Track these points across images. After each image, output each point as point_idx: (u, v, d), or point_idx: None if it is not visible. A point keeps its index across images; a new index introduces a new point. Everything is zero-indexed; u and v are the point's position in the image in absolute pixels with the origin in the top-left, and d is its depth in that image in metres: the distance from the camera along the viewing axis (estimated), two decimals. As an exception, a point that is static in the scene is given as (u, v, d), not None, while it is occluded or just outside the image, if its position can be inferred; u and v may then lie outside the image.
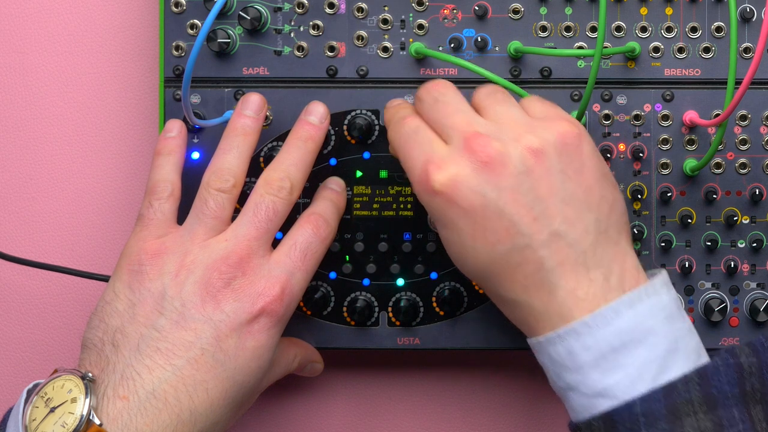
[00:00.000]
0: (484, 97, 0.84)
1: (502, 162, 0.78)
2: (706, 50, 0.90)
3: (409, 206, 0.91)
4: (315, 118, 0.89)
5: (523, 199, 0.78)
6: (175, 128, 0.89)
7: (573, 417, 0.79)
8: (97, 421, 0.77)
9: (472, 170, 0.78)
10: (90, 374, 0.79)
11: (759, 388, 0.77)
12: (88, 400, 0.78)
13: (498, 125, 0.81)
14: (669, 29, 0.91)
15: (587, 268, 0.78)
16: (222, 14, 0.91)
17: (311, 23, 0.91)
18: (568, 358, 0.78)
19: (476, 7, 0.90)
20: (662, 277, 0.79)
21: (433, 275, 0.92)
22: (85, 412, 0.77)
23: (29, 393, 0.81)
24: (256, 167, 0.87)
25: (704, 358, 0.79)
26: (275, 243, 0.85)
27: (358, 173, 0.91)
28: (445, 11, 0.91)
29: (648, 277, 0.80)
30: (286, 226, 0.86)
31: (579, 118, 0.89)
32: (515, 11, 0.91)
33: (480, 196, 0.78)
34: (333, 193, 0.90)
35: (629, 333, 0.77)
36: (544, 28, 0.91)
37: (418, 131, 0.82)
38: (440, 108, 0.83)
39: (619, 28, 0.91)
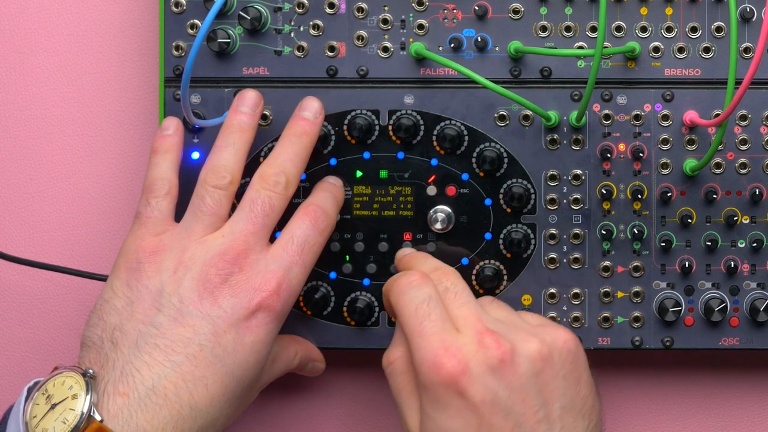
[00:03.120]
0: (485, 302, 0.85)
1: (513, 362, 0.79)
2: (706, 50, 0.91)
3: (409, 206, 0.91)
4: (309, 113, 0.89)
5: (531, 401, 0.79)
6: (172, 126, 0.89)
7: None
8: (98, 418, 0.77)
9: (485, 366, 0.78)
10: (91, 371, 0.79)
11: None
12: (89, 396, 0.78)
13: (505, 325, 0.81)
14: (669, 29, 0.91)
15: None
16: (222, 14, 0.91)
17: (311, 23, 0.91)
18: None
19: (476, 7, 0.91)
20: None
21: (433, 275, 0.91)
22: (85, 409, 0.77)
23: (30, 390, 0.81)
24: (256, 166, 0.87)
25: None
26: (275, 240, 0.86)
27: (358, 173, 0.91)
28: (445, 11, 0.91)
29: None
30: (283, 224, 0.86)
31: (579, 118, 0.89)
32: (515, 11, 0.91)
33: (491, 392, 0.78)
34: (331, 186, 0.90)
35: None
36: (544, 28, 0.91)
37: (430, 302, 0.81)
38: (451, 297, 0.82)
39: (619, 28, 0.91)
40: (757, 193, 0.90)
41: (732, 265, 0.91)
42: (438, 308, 0.81)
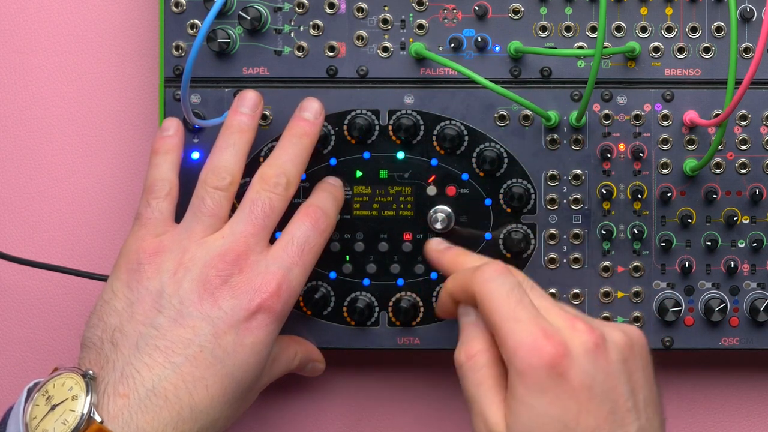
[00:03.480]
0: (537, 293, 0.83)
1: (605, 348, 0.78)
2: (706, 50, 0.91)
3: (409, 206, 0.91)
4: (309, 114, 0.88)
5: (622, 388, 0.78)
6: (172, 127, 0.89)
7: None
8: (98, 419, 0.77)
9: (583, 350, 0.77)
10: (91, 372, 0.79)
11: None
12: (89, 397, 0.78)
13: (583, 316, 0.80)
14: (669, 29, 0.91)
15: None
16: (222, 14, 0.91)
17: (311, 23, 0.91)
18: None
19: (476, 7, 0.90)
20: None
21: (433, 275, 0.92)
22: (85, 410, 0.78)
23: (29, 391, 0.81)
24: (256, 167, 0.87)
25: None
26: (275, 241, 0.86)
27: (358, 173, 0.91)
28: (445, 11, 0.91)
29: None
30: (283, 224, 0.86)
31: (579, 118, 0.89)
32: (515, 11, 0.91)
33: (590, 377, 0.76)
34: (331, 186, 0.90)
35: None
36: (544, 28, 0.91)
37: (518, 289, 0.79)
38: (527, 289, 0.81)
39: (619, 28, 0.91)
40: (757, 193, 0.90)
41: (732, 265, 0.91)
42: (527, 295, 0.79)
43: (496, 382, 0.79)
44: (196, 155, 0.91)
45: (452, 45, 0.91)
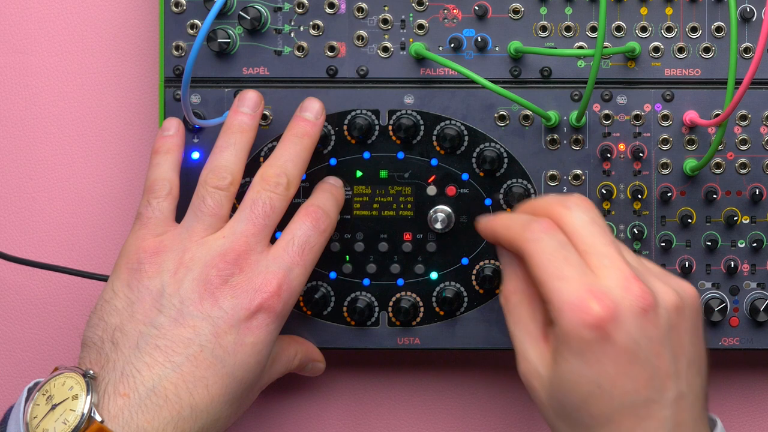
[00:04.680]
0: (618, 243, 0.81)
1: (655, 312, 0.77)
2: (706, 50, 0.91)
3: (409, 206, 0.91)
4: (310, 114, 0.89)
5: (666, 354, 0.77)
6: (173, 126, 0.89)
7: None
8: (98, 418, 0.77)
9: (631, 314, 0.76)
10: (91, 371, 0.79)
11: None
12: (89, 397, 0.78)
13: (639, 271, 0.79)
14: (669, 29, 0.91)
15: None
16: (222, 14, 0.91)
17: (311, 23, 0.91)
18: None
19: (476, 7, 0.91)
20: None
21: (433, 275, 0.92)
22: (86, 410, 0.78)
23: (30, 391, 0.81)
24: (256, 167, 0.87)
25: None
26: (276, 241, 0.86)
27: (358, 173, 0.91)
28: (445, 11, 0.91)
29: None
30: (284, 224, 0.86)
31: (579, 118, 0.89)
32: (515, 11, 0.91)
33: (634, 342, 0.76)
34: (332, 186, 0.90)
35: None
36: (544, 28, 0.91)
37: (565, 247, 0.78)
38: (597, 231, 0.80)
39: (619, 28, 0.91)
40: (757, 193, 0.90)
41: (732, 265, 0.91)
42: (574, 253, 0.78)
43: (531, 319, 0.80)
44: (196, 155, 0.91)
45: (452, 45, 0.91)
